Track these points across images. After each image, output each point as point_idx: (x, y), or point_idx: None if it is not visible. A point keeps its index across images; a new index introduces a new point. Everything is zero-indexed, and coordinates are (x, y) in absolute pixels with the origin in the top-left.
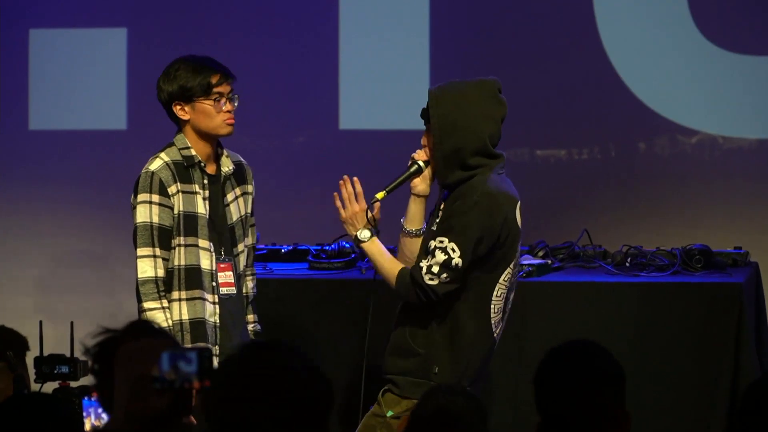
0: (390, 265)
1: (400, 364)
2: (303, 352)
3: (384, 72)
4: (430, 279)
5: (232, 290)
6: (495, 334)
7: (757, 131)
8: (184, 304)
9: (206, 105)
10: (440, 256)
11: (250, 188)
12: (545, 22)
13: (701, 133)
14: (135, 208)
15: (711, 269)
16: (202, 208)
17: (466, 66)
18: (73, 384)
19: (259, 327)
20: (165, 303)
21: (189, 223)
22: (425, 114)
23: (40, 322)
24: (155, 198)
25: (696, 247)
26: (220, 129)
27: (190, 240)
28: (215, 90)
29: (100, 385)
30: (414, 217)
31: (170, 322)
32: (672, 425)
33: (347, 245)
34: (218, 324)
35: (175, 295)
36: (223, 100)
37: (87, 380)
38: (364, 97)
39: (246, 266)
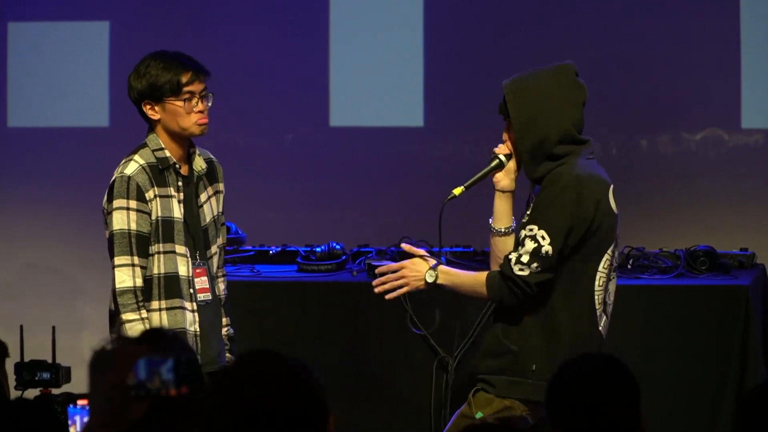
0: (473, 279)
1: (494, 363)
2: (300, 365)
3: (375, 68)
4: (521, 270)
5: (208, 296)
6: (600, 327)
7: (764, 124)
8: (164, 314)
9: (176, 105)
10: (530, 245)
11: (221, 186)
12: (543, 14)
13: (706, 129)
14: (110, 214)
15: (716, 271)
16: (177, 212)
17: (461, 62)
18: (55, 391)
19: (231, 331)
20: (144, 314)
21: (166, 228)
22: (504, 109)
23: (21, 327)
24: (132, 204)
25: (700, 248)
26: (191, 129)
27: (168, 246)
28: (186, 89)
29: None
30: (501, 214)
31: None
32: (678, 430)
33: (338, 246)
34: (198, 332)
35: (155, 304)
36: (194, 100)
37: (69, 387)
38: (355, 94)
39: (218, 267)
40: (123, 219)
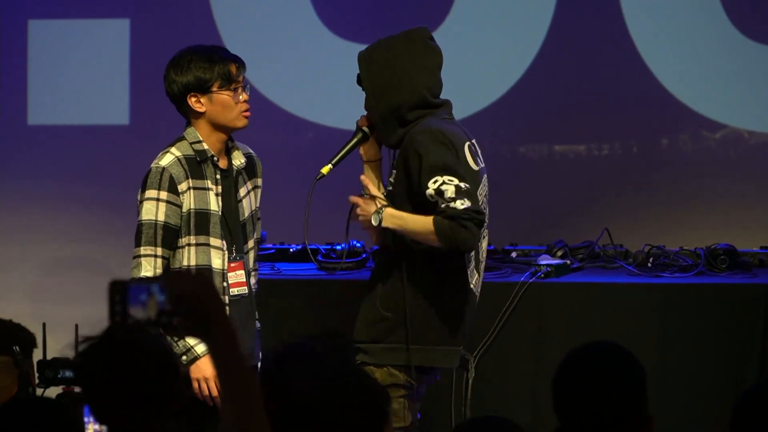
0: (421, 224)
1: (369, 331)
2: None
3: None
4: (462, 203)
5: (244, 290)
6: (472, 285)
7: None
8: None
9: (225, 96)
10: (449, 188)
11: (259, 181)
12: (566, 11)
13: (727, 127)
14: (141, 203)
15: (736, 270)
16: (214, 205)
17: (479, 59)
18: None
19: (258, 325)
20: None
21: (201, 221)
22: (360, 79)
23: (44, 325)
24: (163, 195)
25: (721, 246)
26: (236, 121)
27: (202, 239)
28: (235, 80)
29: (89, 397)
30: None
31: None
32: (695, 429)
33: (358, 245)
34: None
35: None
36: (240, 91)
37: None
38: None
39: (253, 261)
40: (152, 209)
